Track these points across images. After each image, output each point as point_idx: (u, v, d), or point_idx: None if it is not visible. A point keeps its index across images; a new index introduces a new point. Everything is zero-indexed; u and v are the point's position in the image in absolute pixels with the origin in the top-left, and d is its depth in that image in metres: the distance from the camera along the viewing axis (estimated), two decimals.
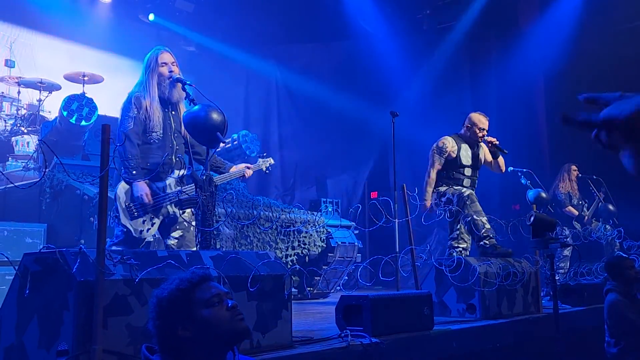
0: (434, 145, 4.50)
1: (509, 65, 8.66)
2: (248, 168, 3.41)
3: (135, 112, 3.06)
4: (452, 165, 4.43)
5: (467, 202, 4.14)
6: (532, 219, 2.98)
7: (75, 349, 1.72)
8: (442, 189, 4.39)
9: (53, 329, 1.80)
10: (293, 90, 9.52)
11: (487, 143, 4.49)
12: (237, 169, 3.35)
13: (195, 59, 8.96)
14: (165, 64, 3.17)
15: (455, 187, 4.34)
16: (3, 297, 2.03)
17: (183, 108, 3.23)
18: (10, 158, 5.82)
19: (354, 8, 8.68)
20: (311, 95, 9.23)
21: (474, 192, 4.31)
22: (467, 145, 4.49)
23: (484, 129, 4.48)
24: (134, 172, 2.99)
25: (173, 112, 3.21)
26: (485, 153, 4.65)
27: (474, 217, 4.08)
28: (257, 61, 9.44)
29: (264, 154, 3.70)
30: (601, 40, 7.97)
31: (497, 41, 9.07)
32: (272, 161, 3.69)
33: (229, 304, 1.47)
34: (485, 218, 4.12)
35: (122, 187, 3.04)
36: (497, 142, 4.49)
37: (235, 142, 6.52)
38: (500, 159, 4.62)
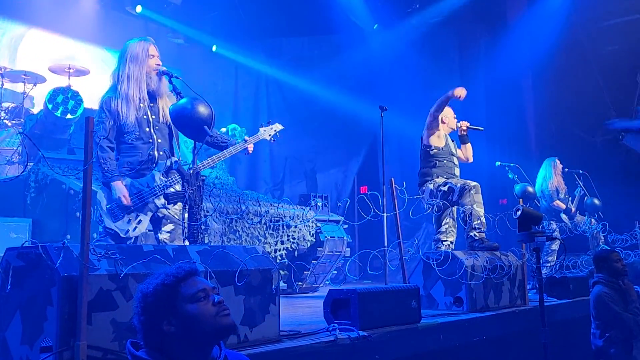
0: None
1: (498, 59, 8.71)
2: (247, 140, 3.24)
3: (104, 117, 3.01)
4: (445, 154, 4.42)
5: (472, 192, 4.10)
6: (518, 212, 3.00)
7: (59, 345, 1.70)
8: (440, 179, 4.32)
9: (36, 325, 1.78)
10: (282, 84, 9.48)
11: (460, 130, 4.52)
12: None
13: (184, 52, 8.87)
14: (153, 56, 3.12)
15: (454, 178, 4.34)
16: None
17: (167, 100, 3.18)
18: None
19: (343, 2, 8.65)
20: (300, 89, 9.20)
21: (479, 185, 4.28)
22: (449, 137, 4.54)
23: (455, 116, 4.56)
24: (109, 175, 2.96)
25: (152, 104, 3.14)
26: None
27: (474, 207, 4.07)
28: (246, 54, 9.38)
29: (269, 121, 3.41)
30: (588, 35, 8.05)
31: (486, 36, 9.11)
32: (279, 127, 3.34)
33: (215, 299, 1.46)
34: (483, 212, 4.13)
35: (102, 190, 3.00)
36: (469, 124, 4.52)
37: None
38: (469, 146, 4.61)
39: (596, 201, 6.20)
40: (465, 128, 4.50)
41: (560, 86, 8.13)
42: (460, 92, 4.19)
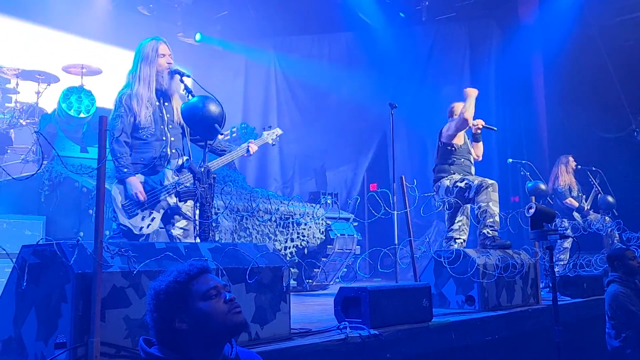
0: (448, 124, 4.42)
1: (509, 56, 8.62)
2: (251, 143, 3.35)
3: (123, 111, 3.04)
4: (463, 151, 4.39)
5: (489, 189, 4.08)
6: (532, 210, 2.96)
7: (73, 341, 1.72)
8: (458, 176, 4.29)
9: (51, 322, 1.80)
10: (292, 82, 9.49)
11: (474, 128, 4.46)
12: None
13: (194, 51, 8.92)
14: (164, 55, 3.15)
15: (470, 175, 4.30)
16: (1, 289, 2.03)
17: (178, 99, 3.21)
18: (9, 150, 5.80)
19: None
20: (310, 87, 9.20)
21: (496, 183, 4.25)
22: (466, 134, 4.50)
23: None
24: (125, 169, 2.99)
25: (166, 104, 3.18)
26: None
27: (490, 204, 4.04)
28: (256, 53, 9.40)
29: (270, 126, 3.56)
30: (602, 31, 7.93)
31: (497, 32, 9.02)
32: (279, 131, 3.51)
33: (227, 297, 1.47)
34: (498, 210, 4.09)
35: (117, 187, 3.03)
36: (484, 123, 4.47)
37: (235, 134, 6.50)
38: (481, 144, 4.57)
39: (610, 199, 6.12)
40: (480, 127, 4.46)
41: (572, 82, 8.03)
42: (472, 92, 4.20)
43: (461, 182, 4.22)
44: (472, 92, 4.19)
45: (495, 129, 4.55)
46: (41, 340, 1.82)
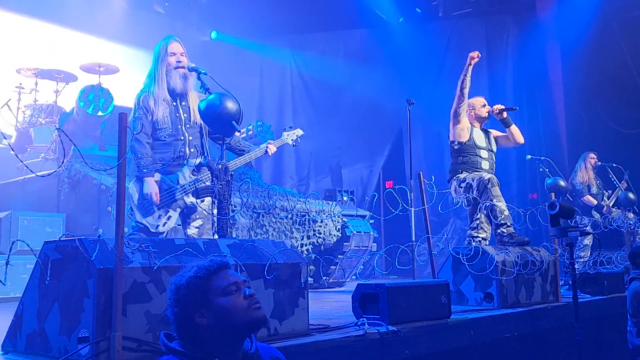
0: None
1: (526, 51, 8.50)
2: (270, 144, 3.32)
3: (141, 113, 3.08)
4: (469, 148, 4.31)
5: (488, 186, 4.01)
6: (557, 207, 2.91)
7: (96, 336, 1.74)
8: (462, 175, 4.27)
9: (74, 316, 1.83)
10: (307, 79, 9.49)
11: (494, 114, 4.36)
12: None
13: (210, 49, 8.97)
14: (174, 54, 3.16)
15: (475, 172, 4.23)
16: (25, 285, 2.07)
17: (194, 97, 3.22)
18: (29, 149, 5.90)
19: None
20: (326, 84, 9.19)
21: (494, 177, 4.19)
22: (477, 129, 4.39)
23: (484, 104, 4.39)
24: (145, 170, 3.03)
25: (183, 103, 3.20)
26: (495, 133, 4.52)
27: (493, 202, 3.98)
28: (272, 50, 9.42)
29: (291, 126, 3.54)
30: (621, 25, 7.78)
31: (514, 28, 8.90)
32: (300, 132, 3.48)
33: (246, 292, 1.47)
34: (504, 204, 4.03)
35: (134, 185, 3.06)
36: (503, 106, 4.36)
37: (250, 132, 6.52)
38: (514, 128, 4.42)
39: (631, 195, 6.00)
40: (497, 111, 4.34)
41: (591, 78, 7.89)
42: (473, 54, 4.15)
43: (463, 182, 4.18)
44: (471, 56, 4.15)
45: (515, 108, 4.40)
46: (64, 335, 1.85)
